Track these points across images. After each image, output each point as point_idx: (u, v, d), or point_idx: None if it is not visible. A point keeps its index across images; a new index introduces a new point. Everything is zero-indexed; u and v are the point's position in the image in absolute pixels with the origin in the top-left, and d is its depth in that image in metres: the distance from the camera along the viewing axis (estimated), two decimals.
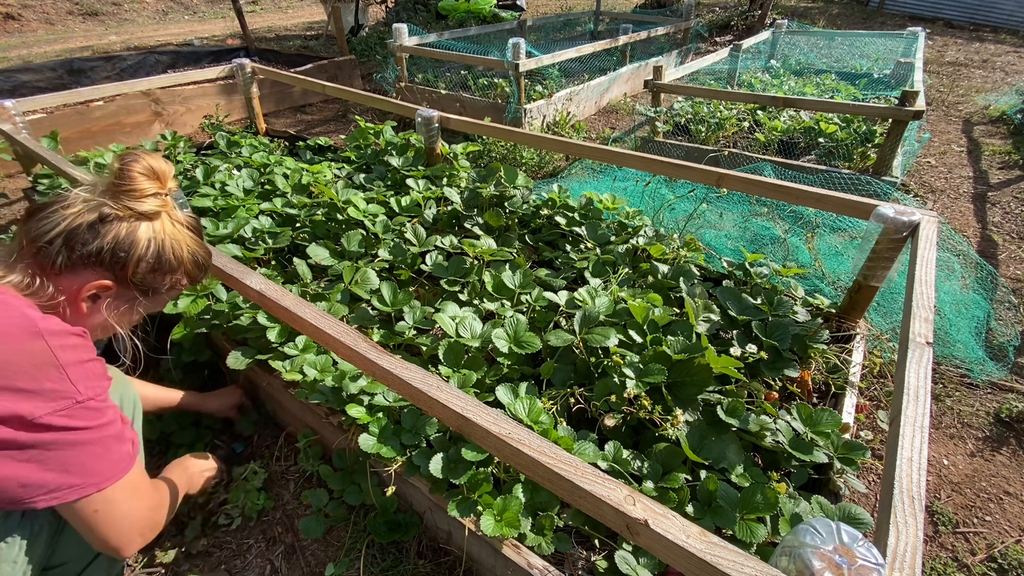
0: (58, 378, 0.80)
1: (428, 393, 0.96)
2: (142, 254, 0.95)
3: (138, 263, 0.95)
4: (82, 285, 0.91)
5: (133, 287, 0.97)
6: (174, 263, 1.01)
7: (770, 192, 1.76)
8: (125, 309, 1.00)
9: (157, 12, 11.61)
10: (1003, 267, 2.64)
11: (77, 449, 0.82)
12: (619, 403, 1.31)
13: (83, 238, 0.90)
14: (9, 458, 0.76)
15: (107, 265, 0.93)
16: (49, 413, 0.78)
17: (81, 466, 0.82)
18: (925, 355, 1.03)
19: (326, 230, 2.09)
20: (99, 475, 0.85)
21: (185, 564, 1.36)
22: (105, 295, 0.96)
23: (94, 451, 0.84)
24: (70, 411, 0.80)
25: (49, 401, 0.78)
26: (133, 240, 0.94)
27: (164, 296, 1.07)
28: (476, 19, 7.63)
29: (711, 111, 3.98)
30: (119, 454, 0.88)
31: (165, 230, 0.99)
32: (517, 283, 1.72)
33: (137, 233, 0.95)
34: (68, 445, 0.80)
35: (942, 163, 3.85)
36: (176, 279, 1.05)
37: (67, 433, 0.80)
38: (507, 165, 2.44)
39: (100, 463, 0.85)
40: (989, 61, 6.87)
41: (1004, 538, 1.48)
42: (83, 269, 0.91)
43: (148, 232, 0.96)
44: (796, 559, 0.65)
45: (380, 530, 1.32)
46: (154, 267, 0.98)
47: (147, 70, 5.55)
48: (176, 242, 1.01)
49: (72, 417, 0.80)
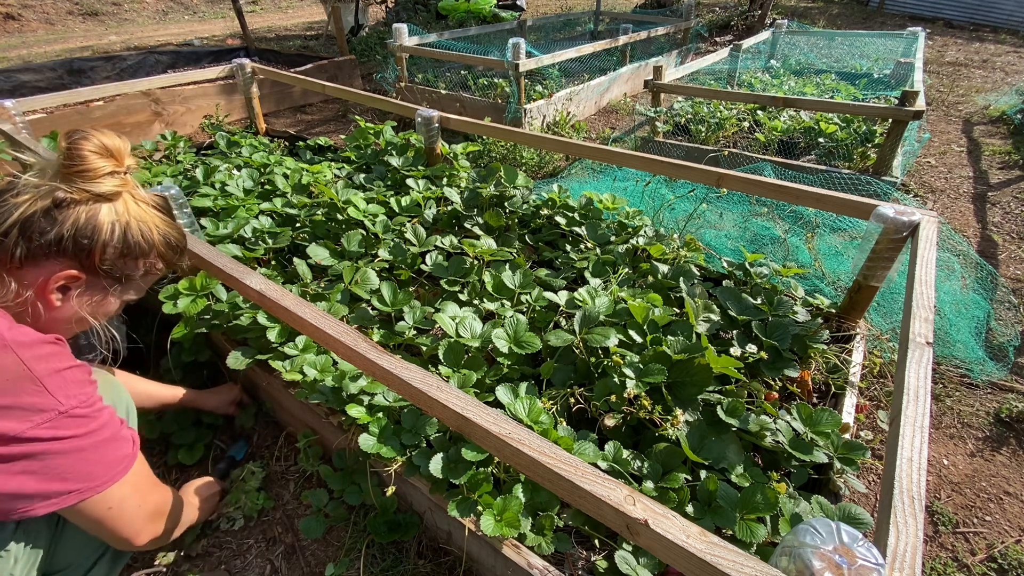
0: (35, 391, 0.76)
1: (428, 393, 0.96)
2: (107, 239, 0.89)
3: (104, 249, 0.89)
4: (48, 277, 0.86)
5: (103, 275, 0.92)
6: (144, 246, 0.95)
7: (770, 192, 1.76)
8: (99, 299, 0.94)
9: (157, 12, 11.61)
10: (1003, 267, 2.64)
11: (71, 456, 0.79)
12: (619, 403, 1.31)
13: (39, 227, 0.84)
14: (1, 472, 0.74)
15: (71, 254, 0.87)
16: (33, 427, 0.75)
17: (77, 472, 0.80)
18: (925, 355, 1.03)
19: (326, 230, 2.09)
20: (98, 478, 0.83)
21: (185, 564, 1.36)
22: (75, 286, 0.90)
23: (89, 456, 0.82)
24: (55, 422, 0.77)
25: (31, 415, 0.75)
26: (95, 225, 0.88)
27: (140, 282, 1.01)
28: (476, 19, 7.63)
29: (711, 111, 3.98)
30: (117, 455, 0.86)
31: (129, 211, 0.93)
32: (517, 283, 1.72)
33: (98, 217, 0.88)
34: (60, 454, 0.78)
35: (942, 163, 3.85)
36: (150, 263, 0.99)
37: (56, 443, 0.77)
38: (507, 165, 2.44)
39: (97, 467, 0.83)
40: (989, 61, 6.87)
41: (1004, 538, 1.47)
42: (46, 260, 0.86)
43: (110, 215, 0.90)
44: (796, 559, 0.65)
45: (380, 530, 1.32)
46: (122, 252, 0.92)
47: (147, 70, 5.55)
48: (143, 223, 0.94)
49: (58, 428, 0.77)
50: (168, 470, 1.59)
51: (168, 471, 1.58)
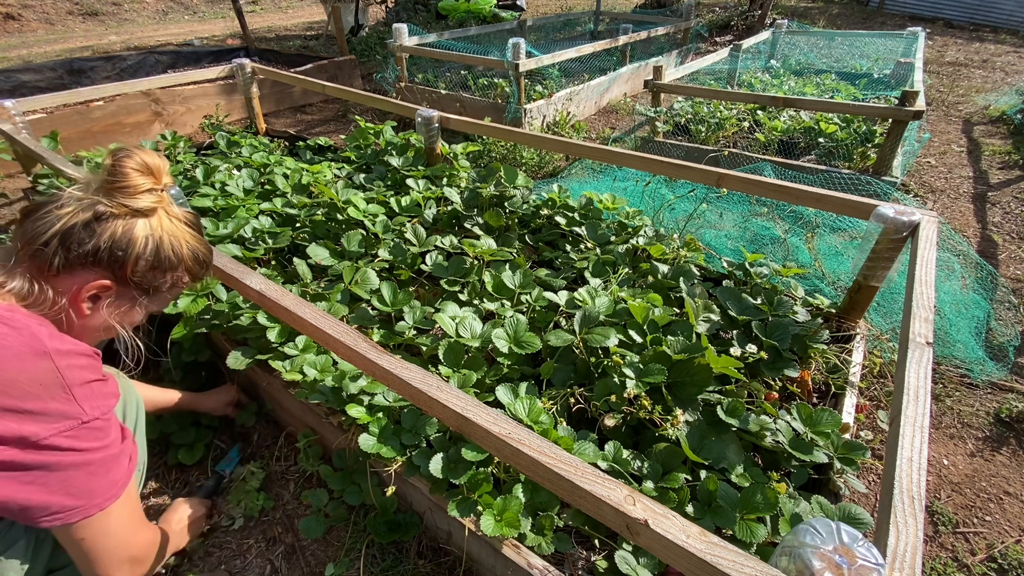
0: (64, 399, 0.79)
1: (428, 393, 0.96)
2: (140, 252, 0.93)
3: (137, 261, 0.93)
4: (81, 286, 0.90)
5: (133, 286, 0.96)
6: (174, 260, 0.99)
7: (770, 192, 1.76)
8: (127, 309, 0.98)
9: (157, 12, 11.61)
10: (1003, 267, 2.64)
11: (81, 470, 0.81)
12: (619, 403, 1.31)
13: (79, 238, 0.88)
14: (12, 480, 0.75)
15: (105, 264, 0.91)
16: (54, 434, 0.76)
17: (82, 487, 0.81)
18: (925, 355, 1.03)
19: (326, 230, 2.09)
20: (100, 495, 0.84)
21: (185, 564, 1.36)
22: (105, 295, 0.94)
23: (96, 471, 0.83)
24: (75, 432, 0.79)
25: (54, 422, 0.77)
26: (130, 238, 0.92)
27: (166, 295, 1.05)
28: (476, 19, 7.63)
29: (711, 111, 3.98)
30: (119, 472, 0.88)
31: (163, 227, 0.97)
32: (517, 283, 1.72)
33: (134, 231, 0.93)
34: (72, 467, 0.79)
35: (942, 163, 3.85)
36: (177, 276, 1.03)
37: (71, 454, 0.79)
38: (507, 165, 2.44)
39: (102, 482, 0.84)
40: (989, 61, 6.87)
41: (1004, 538, 1.47)
42: (81, 270, 0.90)
43: (145, 229, 0.94)
44: (796, 559, 0.65)
45: (380, 530, 1.32)
46: (153, 265, 0.96)
47: (147, 70, 5.55)
48: (175, 238, 0.99)
49: (77, 438, 0.79)
50: (168, 470, 1.59)
51: (168, 471, 1.58)
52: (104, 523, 0.86)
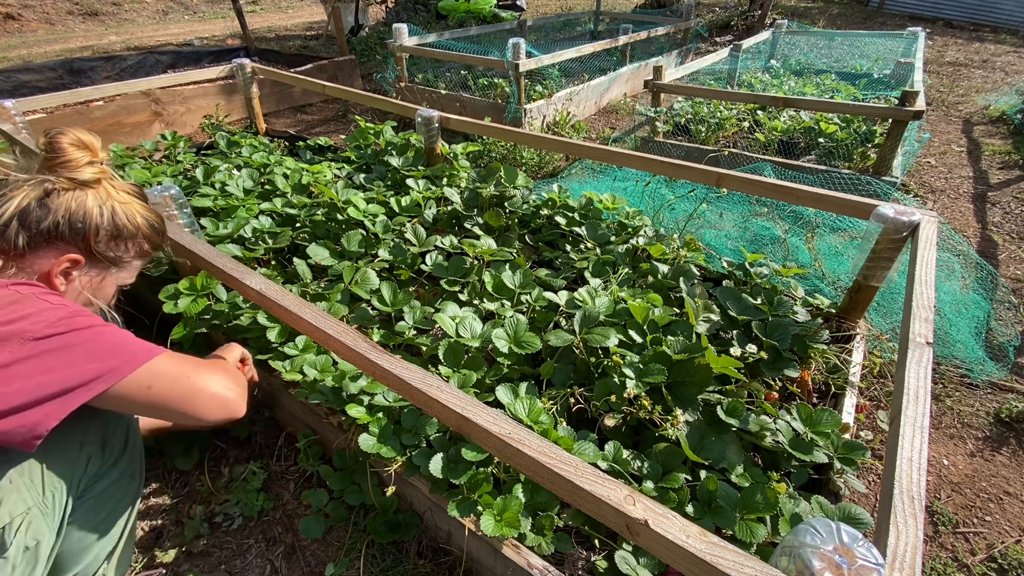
0: (37, 304, 0.84)
1: (428, 393, 0.96)
2: (99, 222, 0.98)
3: (97, 231, 0.98)
4: (52, 262, 0.94)
5: (100, 257, 1.00)
6: (131, 228, 1.04)
7: (770, 192, 1.76)
8: (99, 281, 1.03)
9: (157, 12, 11.61)
10: (1003, 267, 2.64)
11: (95, 341, 0.85)
12: (619, 403, 1.31)
13: (36, 215, 0.93)
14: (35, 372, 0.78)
15: (68, 238, 0.95)
16: (47, 325, 0.81)
17: (107, 350, 0.85)
18: (925, 355, 1.03)
19: (326, 230, 2.09)
20: (131, 354, 0.88)
21: (185, 564, 1.36)
22: (76, 269, 0.98)
23: (111, 338, 0.87)
24: (68, 319, 0.84)
25: (41, 319, 0.81)
26: (85, 209, 0.97)
27: (132, 263, 1.09)
28: (476, 19, 7.63)
29: (711, 111, 3.98)
30: (141, 344, 0.92)
31: (112, 196, 1.02)
32: (517, 283, 1.71)
33: (87, 202, 0.97)
34: (84, 341, 0.84)
35: (942, 163, 3.85)
36: (139, 244, 1.08)
37: (74, 334, 0.83)
38: (507, 165, 2.44)
39: (125, 343, 0.89)
40: (989, 61, 6.87)
41: (1004, 538, 1.47)
42: (47, 247, 0.94)
43: (96, 199, 0.99)
44: (796, 559, 0.65)
45: (380, 530, 1.32)
46: (113, 233, 1.01)
47: (147, 70, 5.54)
48: (126, 206, 1.04)
49: (72, 322, 0.84)
50: (168, 470, 1.59)
51: (168, 471, 1.58)
52: (158, 369, 0.91)
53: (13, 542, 0.84)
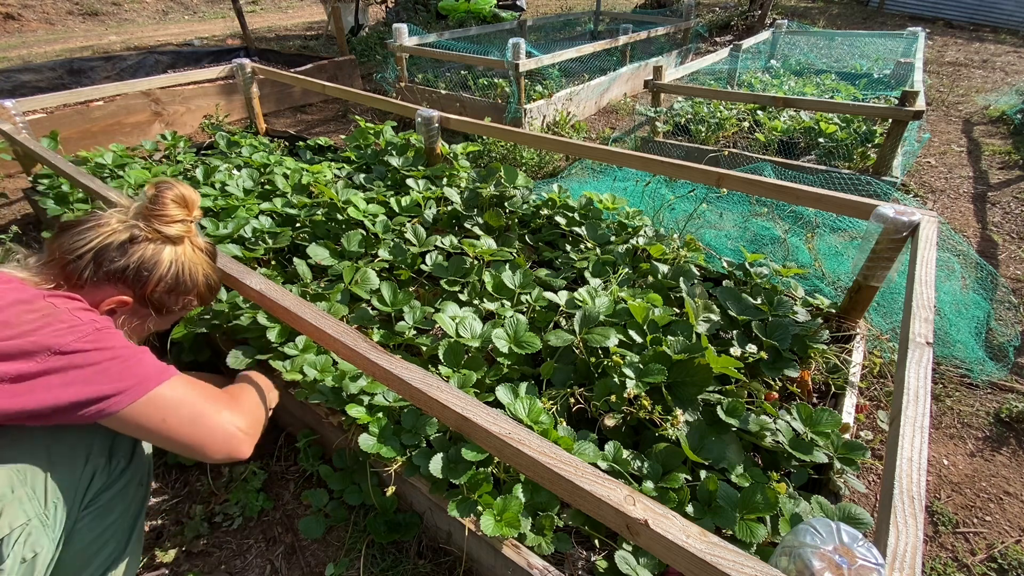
0: (70, 319, 0.86)
1: (428, 393, 0.96)
2: (163, 274, 1.03)
3: (158, 283, 1.03)
4: (103, 299, 0.98)
5: (149, 304, 1.04)
6: (189, 285, 1.09)
7: (770, 192, 1.76)
8: (137, 325, 1.06)
9: (157, 12, 11.61)
10: (1003, 267, 2.64)
11: (112, 362, 0.86)
12: (619, 403, 1.31)
13: (111, 256, 0.97)
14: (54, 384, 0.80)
15: (129, 283, 1.00)
16: (74, 340, 0.83)
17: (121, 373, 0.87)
18: (925, 355, 1.03)
19: (326, 230, 2.09)
20: (144, 375, 0.89)
21: (185, 564, 1.36)
22: (122, 310, 1.02)
23: (128, 360, 0.89)
24: (93, 336, 0.85)
25: (71, 333, 0.83)
26: (157, 261, 1.02)
27: (175, 315, 1.13)
28: (476, 19, 7.63)
29: (711, 111, 3.98)
30: (151, 362, 0.93)
31: (186, 254, 1.07)
32: (517, 283, 1.71)
33: (161, 255, 1.03)
34: (102, 361, 0.85)
35: (942, 163, 3.85)
36: (188, 300, 1.12)
37: (96, 353, 0.84)
38: (507, 165, 2.44)
39: (139, 367, 0.90)
40: (989, 61, 6.87)
41: (1004, 538, 1.48)
42: (106, 284, 0.98)
43: (171, 255, 1.04)
44: (796, 559, 0.65)
45: (380, 530, 1.32)
46: (171, 288, 1.06)
47: (147, 70, 5.54)
48: (194, 265, 1.09)
49: (97, 340, 0.85)
50: (168, 469, 1.59)
51: (168, 471, 1.58)
52: (169, 396, 0.92)
53: (11, 553, 0.82)
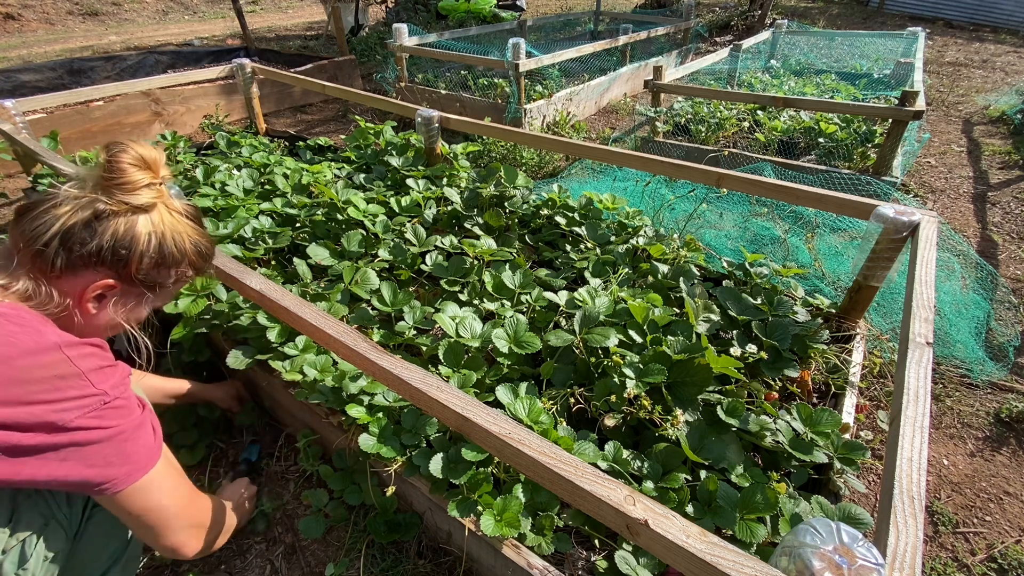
0: (82, 385, 0.80)
1: (428, 393, 0.96)
2: (144, 249, 0.91)
3: (141, 259, 0.91)
4: (86, 286, 0.89)
5: (138, 283, 0.94)
6: (177, 255, 0.97)
7: (770, 192, 1.76)
8: (132, 306, 0.97)
9: (157, 12, 11.61)
10: (1003, 267, 2.64)
11: (112, 443, 0.83)
12: (619, 403, 1.31)
13: (80, 238, 0.86)
14: (50, 460, 0.77)
15: (109, 264, 0.89)
16: (79, 416, 0.78)
17: (118, 456, 0.84)
18: (925, 355, 1.03)
19: (326, 230, 2.09)
20: (137, 461, 0.86)
21: (185, 564, 1.36)
22: (110, 294, 0.92)
23: (127, 440, 0.85)
24: (99, 412, 0.80)
25: (78, 407, 0.78)
26: (133, 236, 0.90)
27: (170, 289, 1.03)
28: (476, 19, 7.63)
29: (711, 111, 3.98)
30: (147, 437, 0.90)
31: (164, 221, 0.94)
32: (517, 283, 1.71)
33: (136, 228, 0.90)
34: (102, 440, 0.81)
35: (942, 163, 3.85)
36: (181, 271, 1.01)
37: (98, 432, 0.81)
38: (507, 165, 2.44)
39: (136, 449, 0.86)
40: (989, 61, 6.87)
41: (1004, 538, 1.48)
42: (84, 269, 0.88)
43: (147, 226, 0.92)
44: (796, 559, 0.65)
45: (380, 530, 1.32)
46: (157, 261, 0.94)
47: (147, 70, 5.54)
48: (177, 233, 0.97)
49: (102, 417, 0.81)
50: None
51: None
52: (154, 487, 0.89)
53: (33, 553, 0.84)
